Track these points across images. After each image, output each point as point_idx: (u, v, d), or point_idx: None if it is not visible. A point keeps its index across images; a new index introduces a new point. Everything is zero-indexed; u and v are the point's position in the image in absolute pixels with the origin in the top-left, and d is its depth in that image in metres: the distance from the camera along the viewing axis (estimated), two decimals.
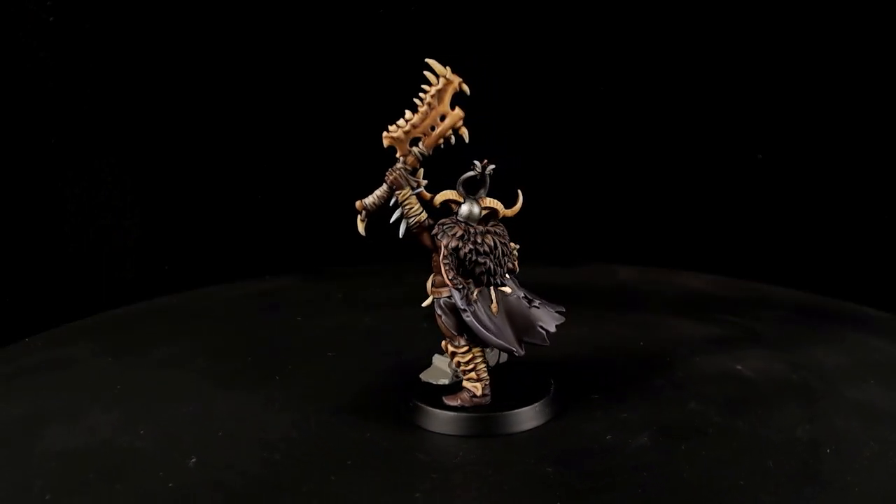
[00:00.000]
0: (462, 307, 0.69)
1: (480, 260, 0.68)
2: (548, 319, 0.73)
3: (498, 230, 0.71)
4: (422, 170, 0.70)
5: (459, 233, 0.68)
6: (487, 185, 0.72)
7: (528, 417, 0.73)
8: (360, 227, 0.69)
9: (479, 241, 0.69)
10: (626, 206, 1.24)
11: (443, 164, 0.73)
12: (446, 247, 0.68)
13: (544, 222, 1.27)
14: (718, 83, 1.18)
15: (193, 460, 0.67)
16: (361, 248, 0.78)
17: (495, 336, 0.69)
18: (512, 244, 0.75)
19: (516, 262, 0.74)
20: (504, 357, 0.78)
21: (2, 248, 0.97)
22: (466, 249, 0.68)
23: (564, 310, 0.76)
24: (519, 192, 0.73)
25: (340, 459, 0.67)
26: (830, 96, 1.14)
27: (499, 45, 1.18)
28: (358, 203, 0.68)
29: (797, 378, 0.80)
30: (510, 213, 0.73)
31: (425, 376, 0.77)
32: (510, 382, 0.76)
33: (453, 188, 0.71)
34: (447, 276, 0.68)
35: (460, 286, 0.68)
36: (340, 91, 1.13)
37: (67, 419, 0.74)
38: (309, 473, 0.65)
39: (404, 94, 0.71)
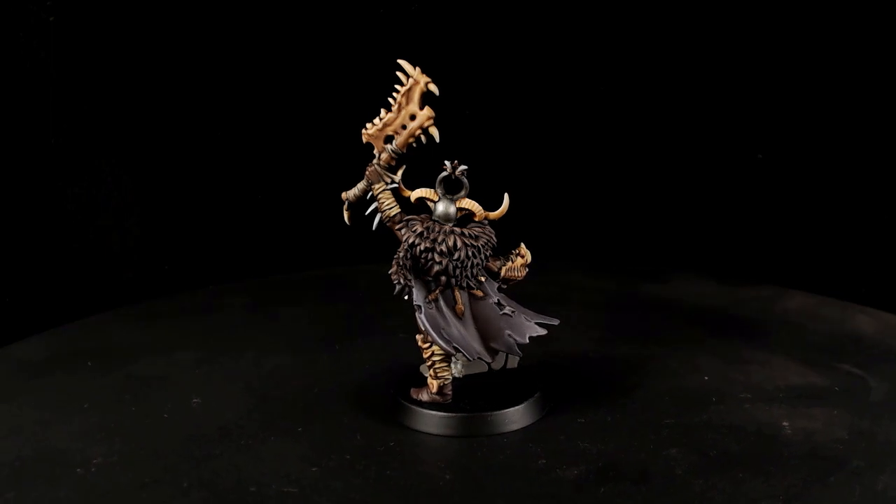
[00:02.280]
0: (417, 303, 0.70)
1: (437, 259, 0.69)
2: (520, 329, 0.74)
3: (473, 232, 0.72)
4: (404, 166, 0.73)
5: (419, 229, 0.71)
6: (466, 185, 0.72)
7: (478, 424, 0.74)
8: (346, 217, 0.74)
9: (438, 240, 0.69)
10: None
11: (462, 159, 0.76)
12: (404, 241, 0.70)
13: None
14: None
15: (196, 401, 0.77)
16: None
17: (445, 337, 0.70)
18: (522, 249, 0.73)
19: (508, 267, 0.73)
20: (515, 362, 0.77)
21: (2, 247, 1.04)
22: (422, 247, 0.71)
23: (557, 322, 0.77)
24: (505, 195, 0.72)
25: (295, 426, 0.77)
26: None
27: (501, 45, 1.18)
28: (343, 194, 0.73)
29: (843, 450, 0.71)
30: (494, 215, 0.74)
31: (423, 368, 0.79)
32: (504, 386, 0.78)
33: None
34: (390, 270, 0.69)
35: (396, 282, 0.69)
36: (339, 90, 1.16)
37: (164, 352, 0.93)
38: (260, 431, 0.76)
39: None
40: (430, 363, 0.76)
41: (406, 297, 0.74)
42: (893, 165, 1.14)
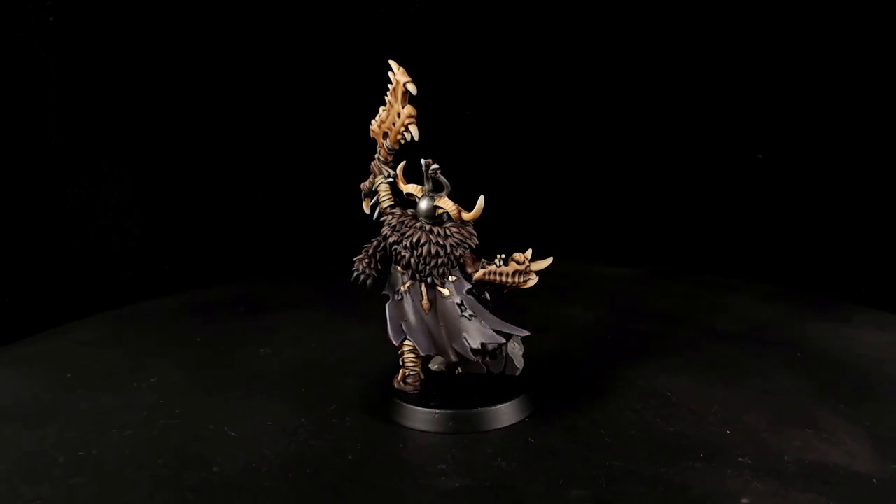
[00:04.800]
0: (385, 293, 0.74)
1: (403, 253, 0.72)
2: (474, 333, 0.75)
3: (446, 231, 0.74)
4: (404, 162, 0.77)
5: (393, 222, 0.75)
6: (446, 185, 0.74)
7: (428, 420, 0.75)
8: (365, 206, 0.79)
9: (407, 234, 0.73)
10: None
11: (463, 159, 0.79)
12: (380, 232, 0.74)
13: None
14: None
15: (264, 350, 0.94)
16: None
17: (399, 329, 0.74)
18: (520, 256, 0.73)
19: (489, 271, 0.75)
20: (516, 369, 0.78)
21: (2, 247, 1.04)
22: (392, 239, 0.74)
23: (525, 333, 0.75)
24: (480, 197, 0.73)
25: (301, 387, 0.85)
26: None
27: (505, 46, 1.15)
28: (361, 185, 0.79)
29: None
30: (468, 216, 0.74)
31: (434, 360, 0.82)
32: (490, 390, 0.78)
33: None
34: (356, 257, 0.74)
35: (355, 269, 0.74)
36: (339, 90, 1.16)
37: (292, 310, 1.07)
38: (272, 385, 0.85)
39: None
40: (400, 352, 0.77)
41: (360, 283, 0.76)
42: None
